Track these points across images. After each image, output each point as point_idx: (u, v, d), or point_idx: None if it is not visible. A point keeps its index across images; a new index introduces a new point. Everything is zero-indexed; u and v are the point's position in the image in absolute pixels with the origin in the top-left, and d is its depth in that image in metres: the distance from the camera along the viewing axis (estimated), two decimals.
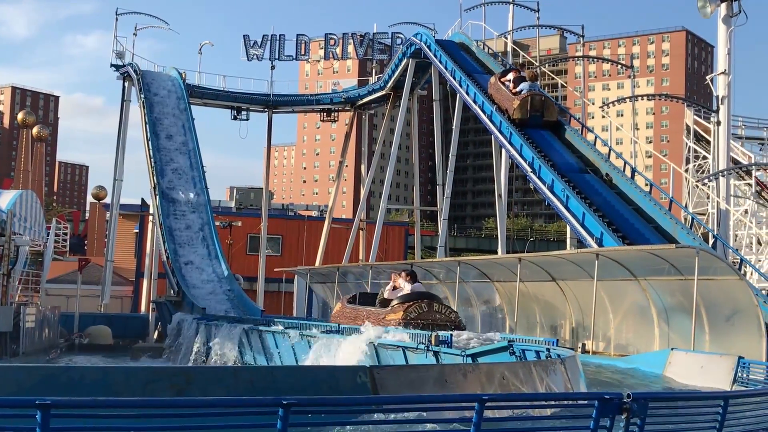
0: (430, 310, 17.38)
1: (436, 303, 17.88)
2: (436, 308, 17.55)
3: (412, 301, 17.63)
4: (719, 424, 5.48)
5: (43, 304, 36.32)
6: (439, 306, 17.79)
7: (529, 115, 28.79)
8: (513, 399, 4.92)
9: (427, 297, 18.11)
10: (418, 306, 17.44)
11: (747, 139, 50.83)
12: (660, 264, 16.37)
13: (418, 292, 18.45)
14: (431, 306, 17.52)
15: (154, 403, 4.25)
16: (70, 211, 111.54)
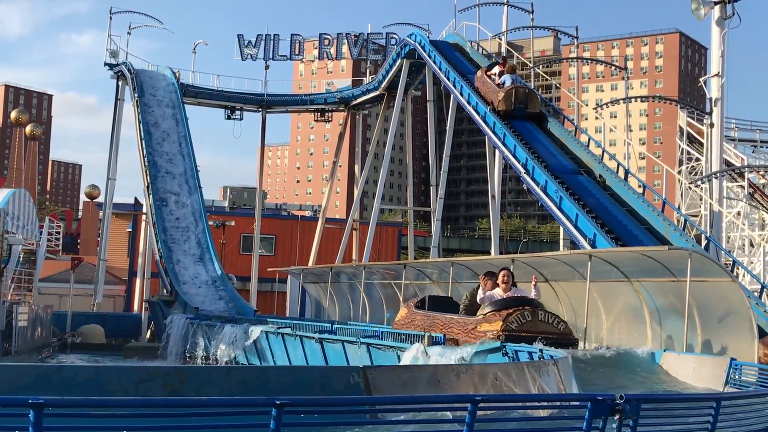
0: (535, 319, 14.25)
1: (540, 311, 14.70)
2: (541, 317, 14.41)
3: (512, 308, 14.45)
4: (711, 425, 5.49)
5: (36, 303, 36.28)
6: (544, 314, 14.59)
7: (514, 107, 29.61)
8: (505, 400, 4.93)
9: (528, 303, 14.76)
10: (519, 314, 14.30)
11: (740, 141, 50.93)
12: (653, 265, 16.39)
13: (517, 297, 15.00)
14: (535, 314, 14.35)
15: (147, 403, 4.25)
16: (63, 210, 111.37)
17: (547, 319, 14.36)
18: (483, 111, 31.29)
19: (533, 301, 14.79)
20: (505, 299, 14.85)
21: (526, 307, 14.36)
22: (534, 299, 14.79)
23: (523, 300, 14.80)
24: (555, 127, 29.91)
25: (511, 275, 15.29)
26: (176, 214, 40.23)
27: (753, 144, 51.84)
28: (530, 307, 14.38)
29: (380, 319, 28.66)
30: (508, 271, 15.28)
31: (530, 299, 14.83)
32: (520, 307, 14.33)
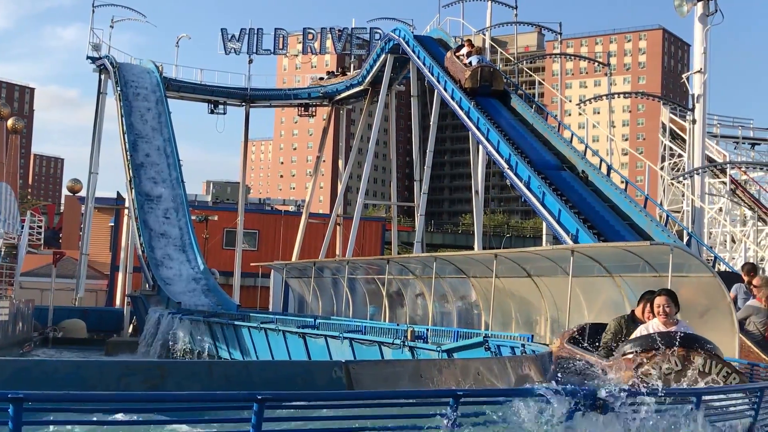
0: (688, 364, 8.32)
1: (698, 353, 8.44)
2: (699, 363, 8.36)
3: (654, 351, 8.56)
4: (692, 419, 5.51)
5: (17, 298, 36.06)
6: (706, 359, 8.36)
7: (479, 85, 31.69)
8: (487, 395, 4.93)
9: (687, 341, 8.55)
10: (662, 360, 8.46)
11: (722, 138, 51.16)
12: (634, 261, 16.45)
13: (665, 333, 8.80)
14: (689, 358, 8.35)
15: (128, 398, 4.23)
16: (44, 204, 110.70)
17: (709, 369, 8.34)
18: (467, 106, 31.35)
19: (697, 341, 8.57)
20: (650, 336, 8.83)
21: (676, 350, 8.35)
22: (701, 338, 8.69)
23: (687, 339, 8.52)
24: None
25: (672, 302, 9.25)
26: (159, 209, 40.10)
27: (735, 140, 52.09)
28: (686, 347, 8.35)
29: (363, 314, 28.69)
30: (667, 297, 9.26)
31: (696, 337, 8.69)
32: (668, 349, 8.37)
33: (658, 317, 9.05)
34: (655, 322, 9.09)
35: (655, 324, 9.08)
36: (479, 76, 31.73)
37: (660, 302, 9.13)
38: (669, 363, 8.32)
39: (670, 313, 9.04)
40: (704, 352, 8.20)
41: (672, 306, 9.13)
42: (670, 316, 9.04)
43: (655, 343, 8.55)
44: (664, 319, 9.00)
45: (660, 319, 9.06)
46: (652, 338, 8.61)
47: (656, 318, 9.23)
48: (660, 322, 9.06)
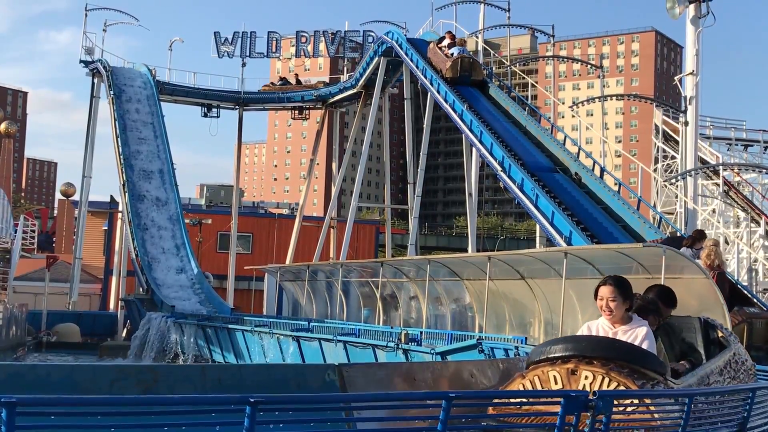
0: (571, 383, 5.63)
1: (591, 367, 5.65)
2: (584, 382, 5.56)
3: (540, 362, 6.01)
4: (684, 421, 5.53)
5: (11, 302, 35.97)
6: (596, 376, 5.58)
7: (459, 74, 33.42)
8: (480, 397, 4.94)
9: (589, 350, 5.82)
10: (545, 374, 5.89)
11: (715, 139, 51.28)
12: (628, 263, 16.49)
13: (588, 338, 6.32)
14: (576, 374, 5.62)
15: (121, 401, 4.24)
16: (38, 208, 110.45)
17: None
18: (460, 109, 31.44)
19: (608, 349, 5.82)
20: (552, 342, 6.40)
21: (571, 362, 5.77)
22: (622, 347, 5.94)
23: (593, 347, 5.86)
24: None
25: (621, 294, 6.58)
26: (152, 213, 40.08)
27: (728, 142, 52.22)
28: (576, 361, 5.76)
29: (357, 317, 28.69)
30: (613, 288, 6.58)
31: (609, 346, 5.93)
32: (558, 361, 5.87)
33: (603, 314, 6.55)
34: (601, 320, 6.60)
35: (600, 323, 6.60)
36: (459, 66, 33.49)
37: (603, 294, 6.50)
38: (547, 379, 5.68)
39: (615, 309, 6.46)
40: (602, 366, 5.47)
41: (620, 299, 6.47)
42: (615, 313, 6.48)
43: (544, 352, 5.89)
44: (609, 316, 6.47)
45: (605, 317, 6.54)
46: (548, 345, 6.01)
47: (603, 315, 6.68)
48: (606, 321, 6.56)
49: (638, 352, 5.86)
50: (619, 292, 6.51)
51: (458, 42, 35.82)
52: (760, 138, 53.09)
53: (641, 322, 6.54)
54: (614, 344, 5.89)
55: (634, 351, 5.83)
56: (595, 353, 5.59)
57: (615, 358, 5.55)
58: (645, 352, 5.98)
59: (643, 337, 6.38)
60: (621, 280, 6.65)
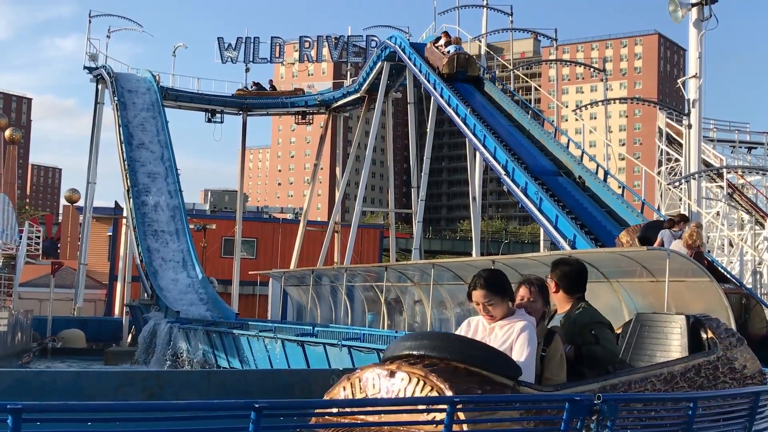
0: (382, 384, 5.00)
1: (406, 368, 4.95)
2: (399, 384, 4.89)
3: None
4: (688, 425, 5.53)
5: (16, 308, 36.04)
6: (411, 377, 4.90)
7: (456, 71, 34.45)
8: (484, 401, 4.95)
9: (412, 348, 5.19)
10: (373, 374, 5.11)
11: (718, 142, 51.23)
12: (632, 266, 16.47)
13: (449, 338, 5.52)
14: (393, 375, 4.96)
15: (126, 407, 4.25)
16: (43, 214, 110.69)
17: (403, 391, 4.97)
18: (463, 113, 31.44)
19: (440, 348, 5.04)
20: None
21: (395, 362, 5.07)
22: (456, 344, 5.16)
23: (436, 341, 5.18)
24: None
25: (490, 292, 5.70)
26: (157, 218, 40.12)
27: (731, 144, 52.17)
28: (395, 361, 5.07)
29: (362, 322, 28.68)
30: (482, 289, 5.69)
31: (440, 344, 5.09)
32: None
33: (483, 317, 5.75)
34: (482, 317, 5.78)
35: (480, 320, 5.80)
36: (455, 63, 34.51)
37: (476, 299, 5.72)
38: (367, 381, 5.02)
39: (494, 311, 5.66)
40: (423, 368, 4.82)
41: (496, 299, 5.69)
42: (496, 315, 5.67)
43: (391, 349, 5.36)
44: (491, 319, 5.69)
45: (485, 318, 5.74)
46: (398, 341, 5.43)
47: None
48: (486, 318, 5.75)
49: (480, 353, 4.98)
50: (492, 293, 5.64)
51: (454, 40, 36.83)
52: (764, 140, 53.05)
53: (523, 316, 5.64)
54: (453, 343, 5.06)
55: (474, 352, 4.97)
56: (432, 352, 4.95)
57: (449, 358, 4.89)
58: (492, 354, 5.04)
59: (518, 332, 5.47)
60: (491, 280, 5.69)
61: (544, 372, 5.57)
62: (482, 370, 4.90)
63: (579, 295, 6.37)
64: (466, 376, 4.87)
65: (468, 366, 4.89)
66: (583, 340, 6.10)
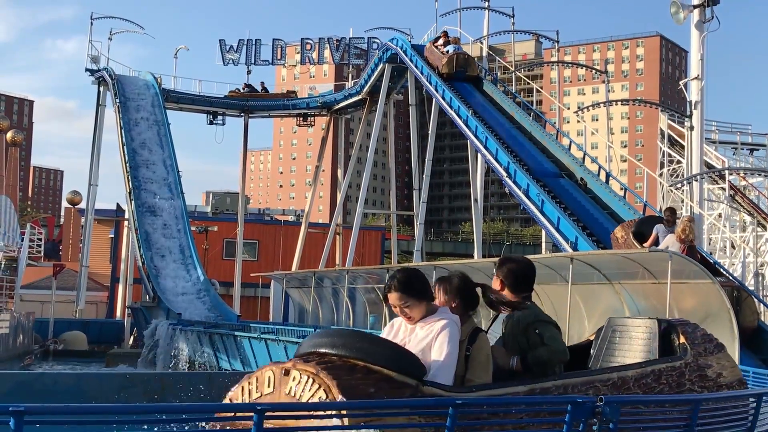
0: (281, 385, 4.80)
1: (301, 367, 4.80)
2: (292, 383, 4.75)
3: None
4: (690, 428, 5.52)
5: (18, 310, 36.05)
6: (303, 375, 4.75)
7: (455, 70, 34.76)
8: (485, 404, 4.95)
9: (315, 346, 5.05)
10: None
11: (720, 144, 51.15)
12: (634, 268, 16.48)
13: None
14: (289, 374, 4.81)
15: (128, 409, 4.25)
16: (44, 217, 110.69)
17: (300, 391, 4.76)
18: (465, 114, 31.43)
19: (339, 346, 4.93)
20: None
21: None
22: (366, 340, 5.02)
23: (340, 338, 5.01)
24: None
25: (406, 295, 5.40)
26: (159, 220, 40.12)
27: (733, 146, 52.09)
28: (299, 360, 4.93)
29: (363, 324, 28.68)
30: (396, 291, 5.42)
31: (339, 341, 4.96)
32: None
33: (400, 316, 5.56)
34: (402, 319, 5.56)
35: (402, 320, 5.55)
36: (455, 63, 34.82)
37: (393, 302, 5.47)
38: (264, 380, 4.90)
39: (412, 312, 5.41)
40: (315, 366, 4.65)
41: (413, 301, 5.39)
42: (415, 317, 5.41)
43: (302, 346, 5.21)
44: (410, 321, 5.45)
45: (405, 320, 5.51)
46: (309, 338, 5.34)
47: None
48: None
49: (381, 351, 4.78)
50: (408, 295, 5.39)
51: (452, 40, 37.09)
52: (766, 142, 52.99)
53: (444, 315, 5.36)
54: (356, 341, 4.85)
55: (376, 350, 4.78)
56: (333, 349, 4.80)
57: (349, 356, 4.73)
58: (395, 353, 4.81)
59: (437, 331, 5.25)
60: (405, 281, 5.43)
61: (467, 373, 5.31)
62: (384, 368, 4.72)
63: (525, 294, 6.07)
64: (364, 374, 4.68)
65: (369, 364, 4.73)
66: (527, 341, 5.73)
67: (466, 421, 4.72)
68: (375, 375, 4.70)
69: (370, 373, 4.70)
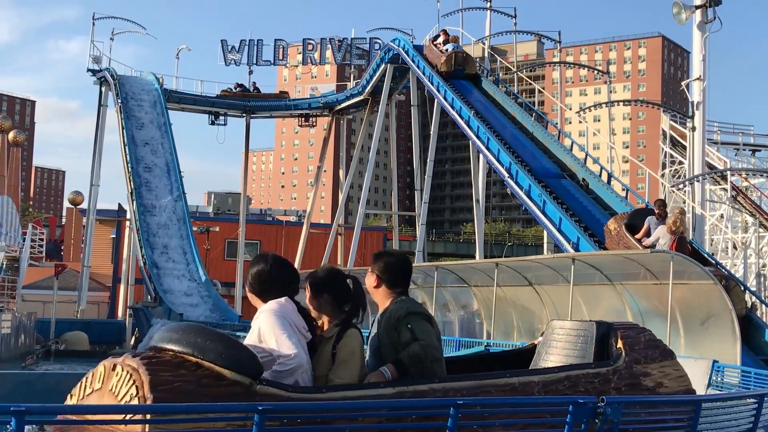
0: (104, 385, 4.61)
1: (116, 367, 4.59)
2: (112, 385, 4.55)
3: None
4: (692, 428, 5.51)
5: (19, 310, 36.09)
6: (125, 370, 4.49)
7: (454, 68, 35.12)
8: (487, 404, 4.94)
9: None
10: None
11: (722, 144, 51.05)
12: (635, 268, 16.48)
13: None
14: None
15: (130, 409, 4.24)
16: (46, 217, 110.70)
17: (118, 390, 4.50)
18: (467, 115, 31.43)
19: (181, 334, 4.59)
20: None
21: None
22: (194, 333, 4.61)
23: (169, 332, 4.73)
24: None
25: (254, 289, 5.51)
26: (160, 221, 40.14)
27: (735, 147, 52.01)
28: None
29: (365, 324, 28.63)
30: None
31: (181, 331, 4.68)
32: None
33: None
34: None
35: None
36: (453, 61, 35.14)
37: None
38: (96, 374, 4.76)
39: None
40: (137, 362, 4.41)
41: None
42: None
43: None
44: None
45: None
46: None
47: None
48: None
49: (213, 347, 4.48)
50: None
51: (452, 39, 37.43)
52: None
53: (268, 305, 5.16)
54: (189, 335, 4.54)
55: (207, 345, 4.49)
56: (169, 344, 4.56)
57: (182, 352, 4.49)
58: (227, 348, 4.48)
59: (256, 323, 5.08)
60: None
61: (330, 372, 5.00)
62: (214, 365, 4.41)
63: (400, 289, 5.63)
64: (191, 371, 4.39)
65: (201, 360, 4.42)
66: (399, 338, 5.27)
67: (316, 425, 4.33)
68: (203, 372, 4.39)
69: (198, 369, 4.40)
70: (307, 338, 5.04)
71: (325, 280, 5.39)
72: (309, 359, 4.96)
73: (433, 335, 5.30)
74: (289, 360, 4.71)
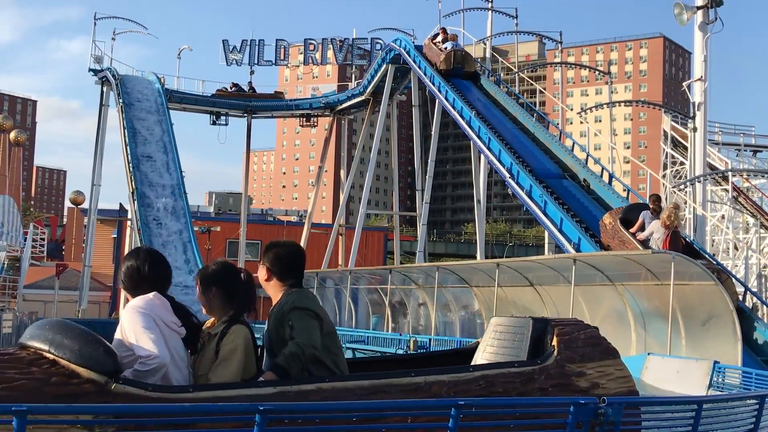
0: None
1: None
2: None
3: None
4: (693, 429, 5.51)
5: (21, 310, 36.13)
6: None
7: (453, 67, 35.27)
8: (488, 405, 4.94)
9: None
10: None
11: (724, 145, 51.08)
12: (637, 269, 16.47)
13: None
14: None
15: (129, 410, 4.25)
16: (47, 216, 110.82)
17: None
18: (468, 116, 31.43)
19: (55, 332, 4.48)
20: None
21: None
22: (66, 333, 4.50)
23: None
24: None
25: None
26: (161, 220, 40.13)
27: (737, 148, 52.03)
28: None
29: (366, 325, 28.68)
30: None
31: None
32: None
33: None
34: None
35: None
36: (452, 59, 35.29)
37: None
38: None
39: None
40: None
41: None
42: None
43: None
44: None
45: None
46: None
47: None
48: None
49: (69, 344, 4.32)
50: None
51: (451, 37, 37.59)
52: None
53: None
54: (47, 332, 4.42)
55: (64, 342, 4.32)
56: (31, 341, 4.43)
57: (40, 349, 4.34)
58: (83, 345, 4.30)
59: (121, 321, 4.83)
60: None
61: (209, 372, 4.82)
62: (69, 362, 4.26)
63: (292, 282, 5.34)
64: (44, 369, 4.23)
65: (58, 358, 4.26)
66: (278, 336, 5.01)
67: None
68: (56, 370, 4.22)
69: (53, 367, 4.24)
70: (180, 334, 4.85)
71: (215, 275, 5.22)
72: (185, 357, 4.79)
73: (316, 332, 4.96)
74: (149, 360, 4.50)
